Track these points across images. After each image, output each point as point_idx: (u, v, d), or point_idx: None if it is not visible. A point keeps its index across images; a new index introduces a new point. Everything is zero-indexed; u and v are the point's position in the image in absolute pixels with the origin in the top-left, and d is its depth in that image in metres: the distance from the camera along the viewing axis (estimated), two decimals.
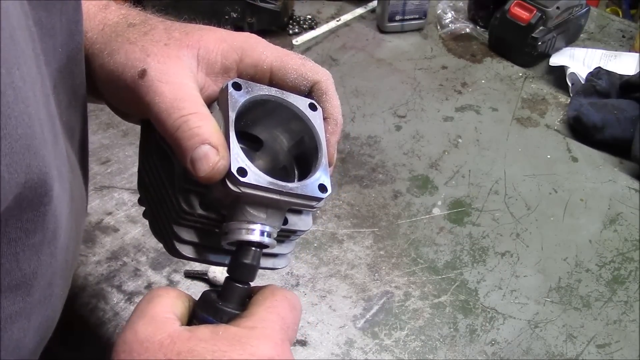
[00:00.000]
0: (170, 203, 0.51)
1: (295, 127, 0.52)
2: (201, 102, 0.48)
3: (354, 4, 1.42)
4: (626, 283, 0.92)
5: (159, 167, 0.53)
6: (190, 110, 0.46)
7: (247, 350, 0.43)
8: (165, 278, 0.86)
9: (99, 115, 1.07)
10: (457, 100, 1.23)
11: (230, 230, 0.48)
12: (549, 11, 1.25)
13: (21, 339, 0.45)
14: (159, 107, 0.47)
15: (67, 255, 0.48)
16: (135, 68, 0.48)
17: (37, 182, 0.37)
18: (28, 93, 0.36)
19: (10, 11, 0.34)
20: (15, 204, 0.36)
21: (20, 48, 0.35)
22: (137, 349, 0.43)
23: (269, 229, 0.48)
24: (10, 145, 0.33)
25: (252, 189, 0.46)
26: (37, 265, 0.42)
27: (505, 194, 1.04)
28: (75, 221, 0.50)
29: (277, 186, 0.46)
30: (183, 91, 0.47)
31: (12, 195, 0.35)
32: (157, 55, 0.48)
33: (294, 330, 0.48)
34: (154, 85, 0.47)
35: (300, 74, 0.52)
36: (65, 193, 0.45)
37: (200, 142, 0.45)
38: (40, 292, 0.44)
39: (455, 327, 0.85)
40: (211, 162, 0.45)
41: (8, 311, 0.42)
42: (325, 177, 0.50)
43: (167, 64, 0.48)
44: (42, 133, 0.38)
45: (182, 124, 0.46)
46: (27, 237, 0.40)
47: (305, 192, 0.48)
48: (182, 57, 0.49)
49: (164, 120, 0.46)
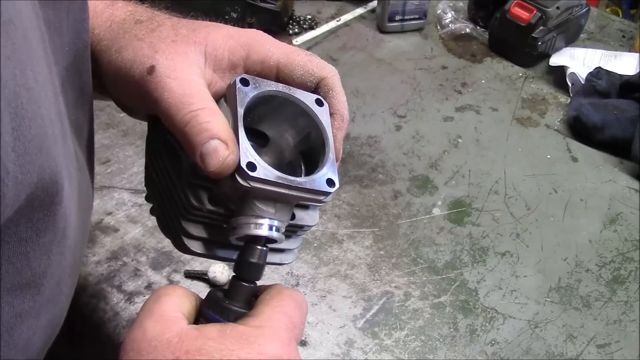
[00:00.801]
0: (178, 199, 0.51)
1: (302, 122, 0.52)
2: (210, 98, 0.48)
3: (354, 4, 1.42)
4: (626, 283, 0.92)
5: (166, 163, 0.53)
6: (199, 106, 0.46)
7: (255, 349, 0.43)
8: (165, 278, 0.86)
9: (99, 115, 1.07)
10: (457, 100, 1.23)
11: (239, 225, 0.48)
12: (549, 11, 1.25)
13: (30, 338, 0.45)
14: (167, 102, 0.47)
15: (75, 254, 0.48)
16: (144, 64, 0.48)
17: (48, 182, 0.37)
18: (40, 93, 0.36)
19: (24, 12, 0.34)
20: (26, 204, 0.36)
21: (32, 49, 0.35)
22: (145, 348, 0.43)
23: (277, 224, 0.48)
24: (23, 146, 0.33)
25: (261, 183, 0.46)
26: (47, 264, 0.42)
27: (505, 194, 1.04)
28: (82, 220, 0.50)
29: (286, 180, 0.47)
30: (191, 87, 0.47)
31: (25, 195, 0.35)
32: (165, 52, 0.49)
33: (300, 329, 0.48)
34: (162, 81, 0.47)
35: (307, 70, 0.52)
36: (74, 192, 0.45)
37: (210, 136, 0.45)
38: (50, 291, 0.45)
39: (455, 327, 0.85)
40: (221, 157, 0.45)
41: (18, 310, 0.42)
42: (333, 172, 0.50)
43: (175, 60, 0.48)
44: (53, 133, 0.38)
45: (191, 119, 0.46)
46: (38, 237, 0.40)
47: (314, 186, 0.48)
48: (190, 54, 0.49)
49: (172, 116, 0.47)
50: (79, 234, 0.49)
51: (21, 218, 0.37)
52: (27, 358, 0.46)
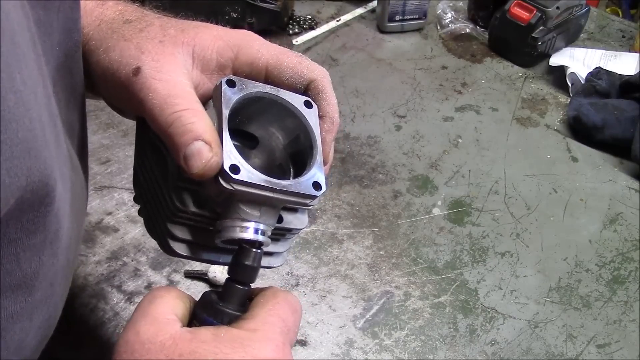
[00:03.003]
0: (164, 201, 0.51)
1: (291, 124, 0.52)
2: (195, 99, 0.47)
3: (354, 4, 1.42)
4: (626, 283, 0.92)
5: (153, 165, 0.53)
6: (184, 107, 0.46)
7: (249, 353, 0.43)
8: (165, 278, 0.85)
9: (99, 115, 1.07)
10: (457, 100, 1.23)
11: (224, 228, 0.48)
12: (549, 11, 1.25)
13: (23, 339, 0.45)
14: (152, 103, 0.46)
15: (68, 254, 0.48)
16: (130, 65, 0.48)
17: (38, 184, 0.37)
18: (29, 96, 0.36)
19: (11, 13, 0.34)
20: (16, 206, 0.36)
21: (21, 51, 0.35)
22: (138, 350, 0.43)
23: (262, 227, 0.48)
24: (10, 150, 0.33)
25: (244, 186, 0.46)
26: (39, 265, 0.42)
27: (505, 194, 1.04)
28: (76, 220, 0.50)
29: (271, 183, 0.46)
30: (177, 88, 0.47)
31: (14, 199, 0.35)
32: (151, 53, 0.48)
33: (294, 332, 0.48)
34: (147, 82, 0.47)
35: (296, 72, 0.52)
36: (67, 193, 0.45)
37: (193, 138, 0.45)
38: (42, 292, 0.44)
39: (455, 327, 0.85)
40: (204, 159, 0.44)
41: (10, 311, 0.42)
42: (320, 174, 0.49)
43: (161, 61, 0.48)
44: (43, 135, 0.38)
45: (175, 120, 0.45)
46: (28, 238, 0.40)
47: (299, 189, 0.48)
48: (177, 55, 0.49)
49: (157, 117, 0.46)
50: (73, 234, 0.48)
51: (10, 220, 0.37)
52: (21, 359, 0.46)
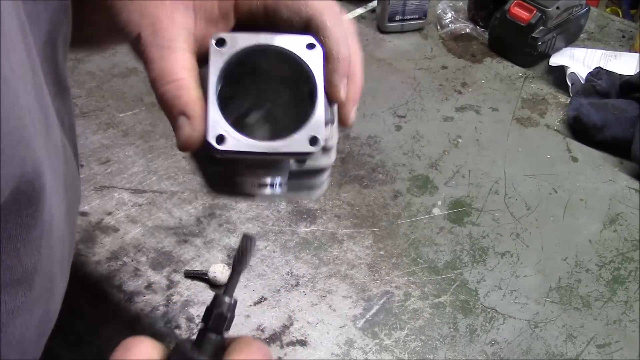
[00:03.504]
0: None
1: (290, 72, 0.47)
2: (187, 66, 0.47)
3: (354, 4, 1.42)
4: (626, 283, 0.92)
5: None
6: (172, 78, 0.46)
7: None
8: (165, 278, 0.85)
9: (99, 115, 1.07)
10: (457, 100, 1.23)
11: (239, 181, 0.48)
12: (549, 11, 1.25)
13: (24, 334, 0.45)
14: (150, 75, 0.47)
15: (63, 246, 0.48)
16: (132, 32, 0.48)
17: (32, 175, 0.37)
18: (18, 84, 0.35)
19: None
20: (13, 199, 0.36)
21: (9, 38, 0.35)
22: None
23: (270, 181, 0.48)
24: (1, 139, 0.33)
25: (232, 154, 0.45)
26: (38, 259, 0.42)
27: (505, 194, 1.04)
28: (69, 211, 0.50)
29: (260, 147, 0.45)
30: (170, 56, 0.47)
31: (9, 190, 0.35)
32: (150, 17, 0.48)
33: None
34: (146, 50, 0.47)
35: (293, 9, 0.48)
36: (59, 184, 0.45)
37: (178, 112, 0.45)
38: (41, 285, 0.45)
39: (455, 327, 0.85)
40: (185, 135, 0.45)
41: (10, 306, 0.42)
42: (319, 127, 0.45)
43: (157, 26, 0.47)
44: (33, 125, 0.37)
45: (164, 93, 0.46)
46: (28, 232, 0.40)
47: (291, 149, 0.45)
48: (176, 15, 0.48)
49: (154, 88, 0.47)
50: (66, 226, 0.48)
51: (9, 215, 0.37)
52: (22, 354, 0.46)
